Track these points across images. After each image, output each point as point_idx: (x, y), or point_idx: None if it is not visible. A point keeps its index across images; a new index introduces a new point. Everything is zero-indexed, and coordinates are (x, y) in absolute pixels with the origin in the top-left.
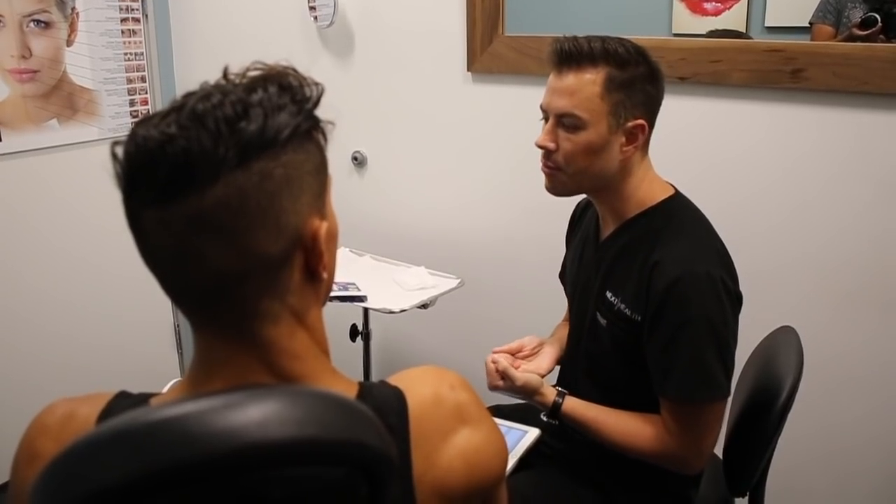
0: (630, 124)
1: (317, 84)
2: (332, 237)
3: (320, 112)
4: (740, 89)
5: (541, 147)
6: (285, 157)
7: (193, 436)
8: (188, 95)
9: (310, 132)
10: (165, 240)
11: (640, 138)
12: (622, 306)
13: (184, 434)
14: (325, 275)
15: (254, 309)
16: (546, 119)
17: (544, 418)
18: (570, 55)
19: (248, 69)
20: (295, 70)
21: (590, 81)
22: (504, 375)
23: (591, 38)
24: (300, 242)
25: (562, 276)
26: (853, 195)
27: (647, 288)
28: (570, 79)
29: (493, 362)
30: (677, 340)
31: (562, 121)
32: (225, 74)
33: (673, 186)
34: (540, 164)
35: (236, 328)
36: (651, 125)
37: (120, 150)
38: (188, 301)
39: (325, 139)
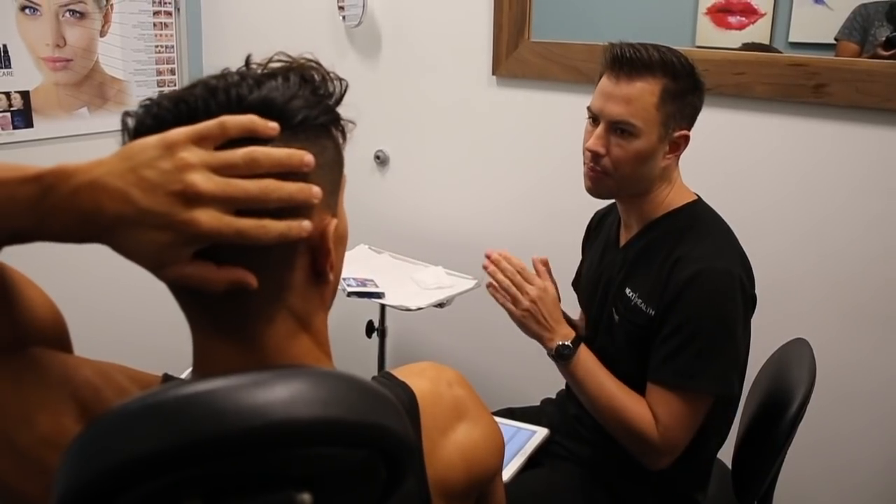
0: (676, 134)
1: (340, 80)
2: (342, 238)
3: (342, 111)
4: (763, 102)
5: (591, 151)
6: (297, 145)
7: (222, 411)
8: (206, 77)
9: (327, 127)
10: None
11: (681, 147)
12: (639, 301)
13: (212, 409)
14: (331, 276)
15: (252, 307)
16: (594, 121)
17: (555, 348)
18: (631, 62)
19: (270, 59)
20: (319, 64)
21: (648, 91)
22: (543, 268)
23: (648, 46)
24: (306, 238)
25: (575, 284)
26: (870, 210)
27: (665, 282)
28: (627, 86)
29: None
30: (685, 330)
31: (615, 127)
32: (247, 62)
33: (696, 194)
34: (584, 168)
35: (232, 325)
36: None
37: (131, 121)
38: (183, 290)
39: (344, 138)
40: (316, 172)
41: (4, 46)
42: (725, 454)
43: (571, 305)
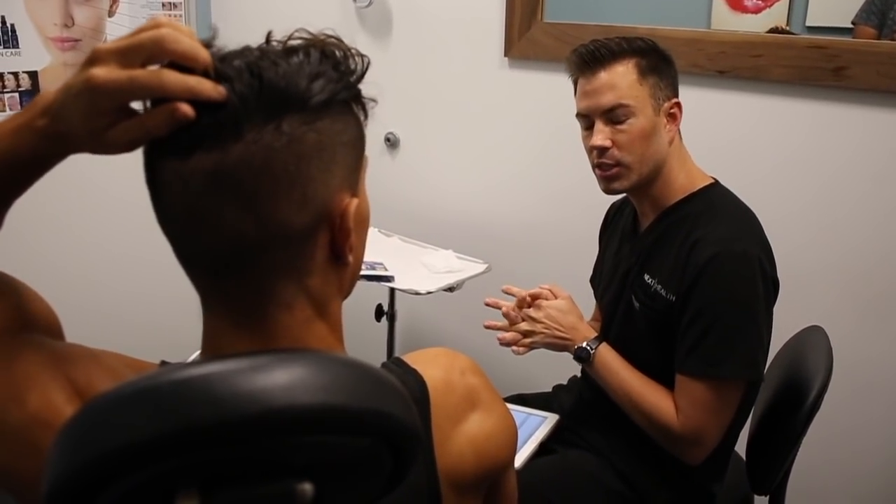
0: (667, 104)
1: (362, 56)
2: (363, 219)
3: (363, 89)
4: (780, 85)
5: (598, 147)
6: (320, 124)
7: (217, 396)
8: (226, 53)
9: (349, 104)
10: (181, 196)
11: (678, 117)
12: (658, 287)
13: (208, 394)
14: (350, 258)
15: (269, 289)
16: (588, 125)
17: (577, 350)
18: (596, 55)
19: (290, 36)
20: (340, 40)
21: (624, 71)
22: (553, 293)
23: (607, 39)
24: (327, 218)
25: (593, 280)
26: (891, 197)
27: (683, 266)
28: (604, 76)
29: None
30: (706, 316)
31: (610, 116)
32: (267, 39)
33: (713, 178)
34: (594, 172)
35: (247, 309)
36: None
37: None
38: (199, 269)
39: (366, 115)
40: (338, 150)
41: (12, 26)
42: (738, 443)
43: (585, 298)
